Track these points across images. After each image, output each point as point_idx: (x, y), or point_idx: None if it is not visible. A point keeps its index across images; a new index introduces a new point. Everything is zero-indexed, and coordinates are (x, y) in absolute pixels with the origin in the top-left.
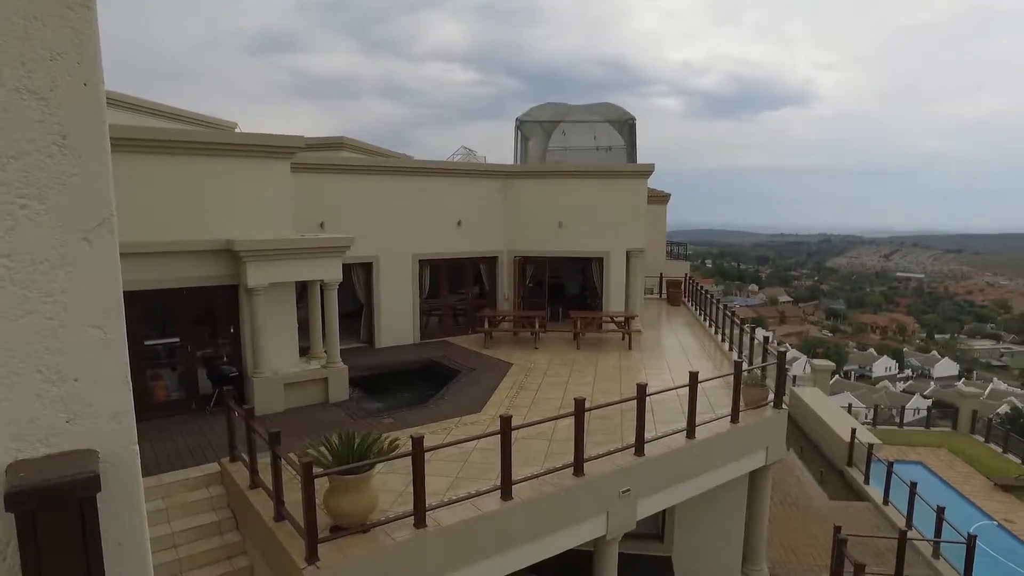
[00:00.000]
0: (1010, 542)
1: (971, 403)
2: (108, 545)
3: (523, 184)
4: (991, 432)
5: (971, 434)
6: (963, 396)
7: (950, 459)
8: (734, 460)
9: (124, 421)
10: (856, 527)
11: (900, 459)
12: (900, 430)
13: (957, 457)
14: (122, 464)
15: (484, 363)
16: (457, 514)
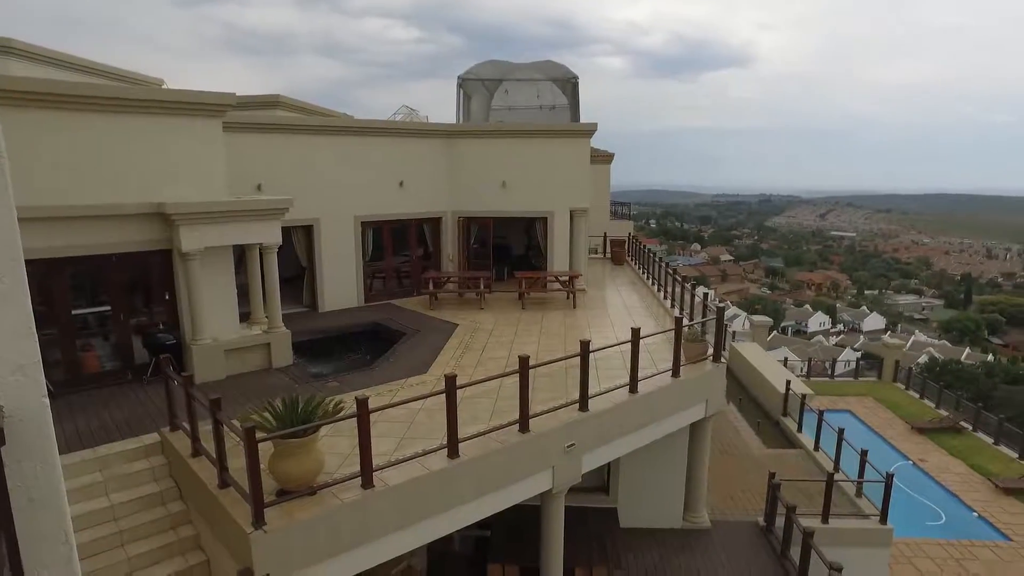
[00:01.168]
0: (923, 479)
1: (894, 354)
2: (18, 500)
3: (466, 144)
4: (911, 380)
5: (894, 383)
6: (888, 348)
7: (875, 406)
8: (675, 413)
9: (30, 374)
10: (789, 472)
11: (830, 408)
12: (831, 381)
13: (881, 404)
14: (31, 418)
15: (429, 324)
16: (404, 473)
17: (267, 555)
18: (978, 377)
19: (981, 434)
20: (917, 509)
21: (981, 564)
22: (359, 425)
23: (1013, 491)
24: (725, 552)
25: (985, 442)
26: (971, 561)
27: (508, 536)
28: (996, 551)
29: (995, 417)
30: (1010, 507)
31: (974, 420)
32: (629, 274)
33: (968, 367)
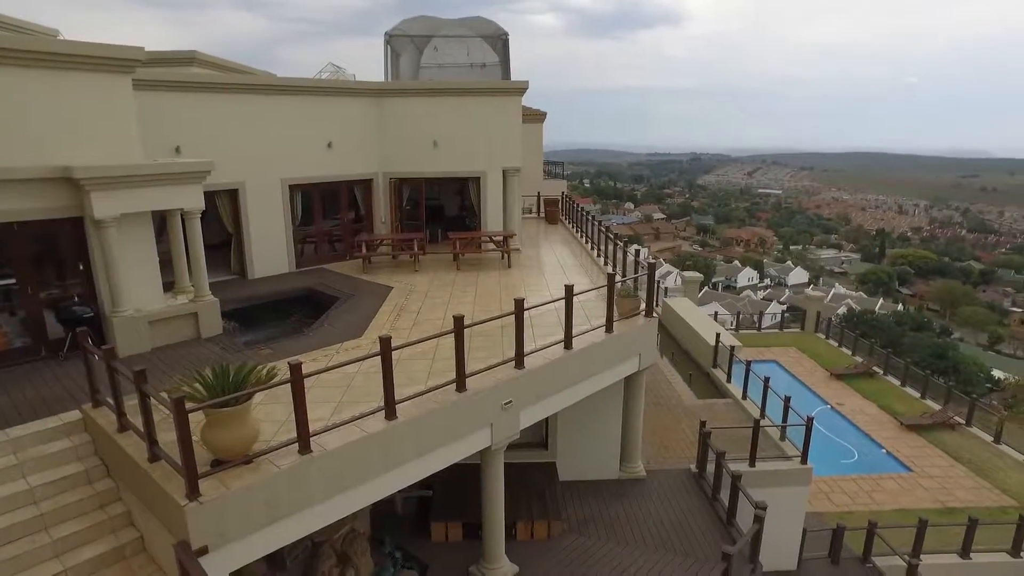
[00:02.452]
0: (840, 421)
1: (816, 306)
2: None
3: (395, 103)
4: (831, 331)
5: (815, 333)
6: (810, 300)
7: (798, 356)
8: (610, 367)
9: None
10: (719, 421)
11: (757, 359)
12: (759, 333)
13: (804, 354)
14: None
15: (363, 288)
16: (342, 437)
17: (204, 526)
18: (889, 326)
19: (890, 377)
20: (834, 449)
21: (887, 494)
22: (293, 391)
23: (915, 427)
24: (660, 498)
25: (894, 385)
26: (878, 492)
27: (450, 494)
28: (899, 481)
29: (902, 362)
30: (912, 442)
31: (885, 365)
32: (563, 233)
33: (881, 317)
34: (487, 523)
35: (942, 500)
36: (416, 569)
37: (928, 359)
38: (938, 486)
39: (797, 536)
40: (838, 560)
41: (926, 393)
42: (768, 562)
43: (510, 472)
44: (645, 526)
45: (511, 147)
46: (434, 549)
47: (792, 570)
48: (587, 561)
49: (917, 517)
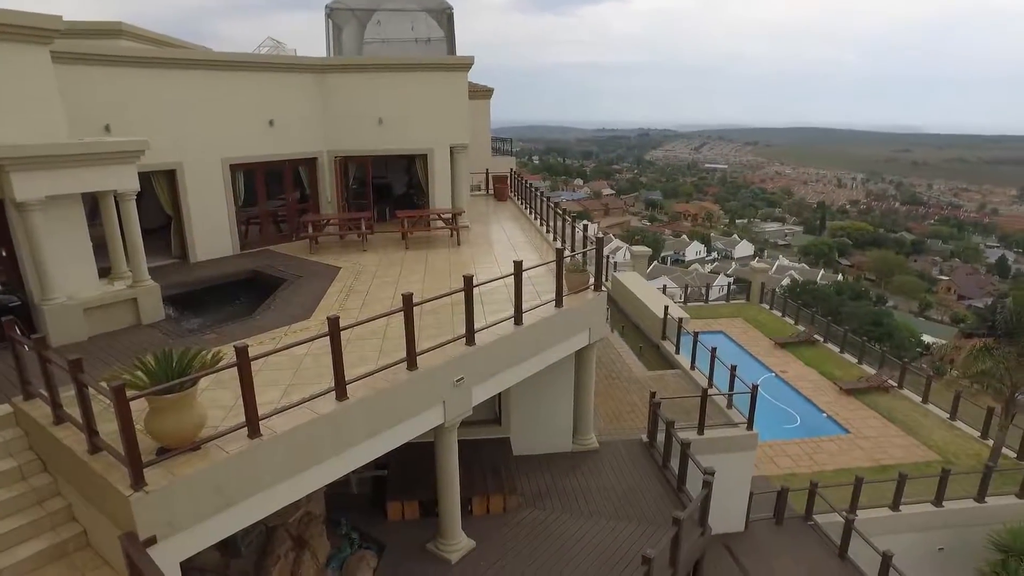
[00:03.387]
0: (783, 388)
1: (761, 278)
2: None
3: (339, 79)
4: (775, 301)
5: (760, 304)
6: (755, 273)
7: (744, 326)
8: (560, 342)
9: None
10: (668, 391)
11: (705, 330)
12: (706, 305)
13: (749, 324)
14: None
15: (311, 269)
16: (292, 420)
17: (151, 516)
18: (830, 295)
19: (830, 345)
20: (778, 414)
21: (827, 455)
22: (240, 374)
23: (852, 391)
24: (612, 469)
25: (833, 352)
26: (819, 454)
27: (405, 473)
28: (838, 443)
29: (841, 330)
30: (849, 405)
31: (825, 333)
32: (512, 210)
33: (822, 287)
34: (443, 500)
35: (877, 458)
36: (373, 549)
37: (865, 326)
38: (873, 445)
39: (744, 499)
40: (782, 520)
41: (863, 359)
42: (717, 525)
43: (464, 449)
44: (599, 496)
45: (458, 124)
46: (391, 528)
47: (740, 531)
48: (543, 533)
49: (854, 476)
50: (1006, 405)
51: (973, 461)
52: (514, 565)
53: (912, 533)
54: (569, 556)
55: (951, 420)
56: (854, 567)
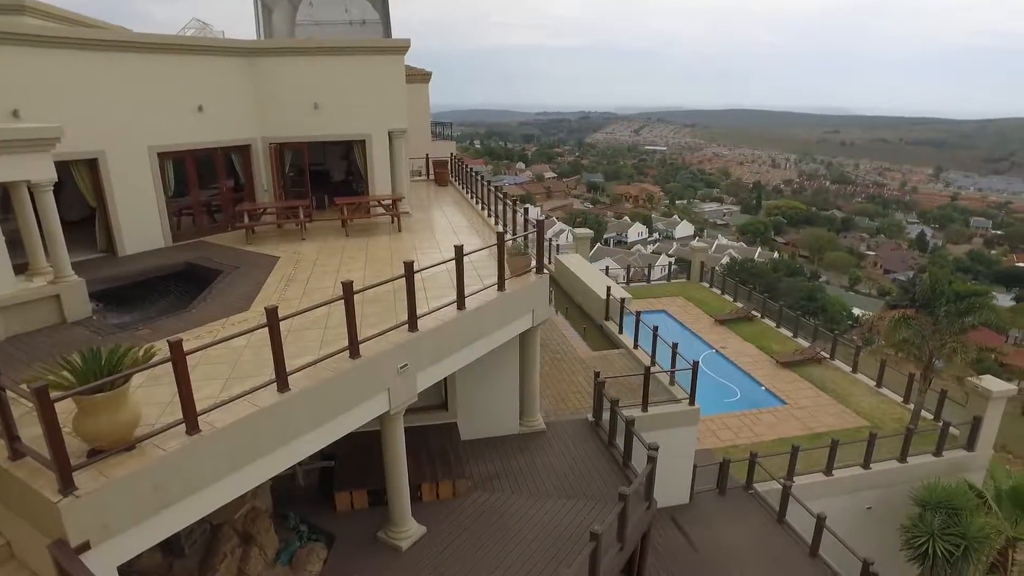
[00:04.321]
0: (724, 363)
1: (700, 257)
2: None
3: (271, 63)
4: (714, 279)
5: (700, 283)
6: (695, 252)
7: (685, 304)
8: (504, 325)
9: None
10: (612, 371)
11: (648, 309)
12: (648, 285)
13: (690, 302)
14: None
15: (248, 259)
16: (233, 413)
17: (83, 521)
18: (767, 272)
19: (767, 320)
20: (719, 389)
21: (765, 426)
22: (176, 369)
23: (788, 364)
24: (559, 448)
25: (770, 327)
26: (758, 425)
27: (353, 463)
28: (776, 414)
29: (777, 305)
30: (786, 377)
31: (762, 309)
32: (454, 195)
33: (759, 264)
34: (391, 488)
35: (811, 427)
36: (323, 540)
37: (800, 301)
38: (807, 415)
39: (688, 472)
40: (725, 491)
41: (798, 332)
42: (663, 498)
43: (412, 436)
44: (547, 476)
45: (396, 108)
46: (340, 519)
47: (685, 503)
48: (493, 514)
49: (790, 445)
50: (924, 371)
51: (897, 425)
52: (465, 548)
53: (843, 495)
54: (520, 536)
55: (877, 387)
56: (791, 530)
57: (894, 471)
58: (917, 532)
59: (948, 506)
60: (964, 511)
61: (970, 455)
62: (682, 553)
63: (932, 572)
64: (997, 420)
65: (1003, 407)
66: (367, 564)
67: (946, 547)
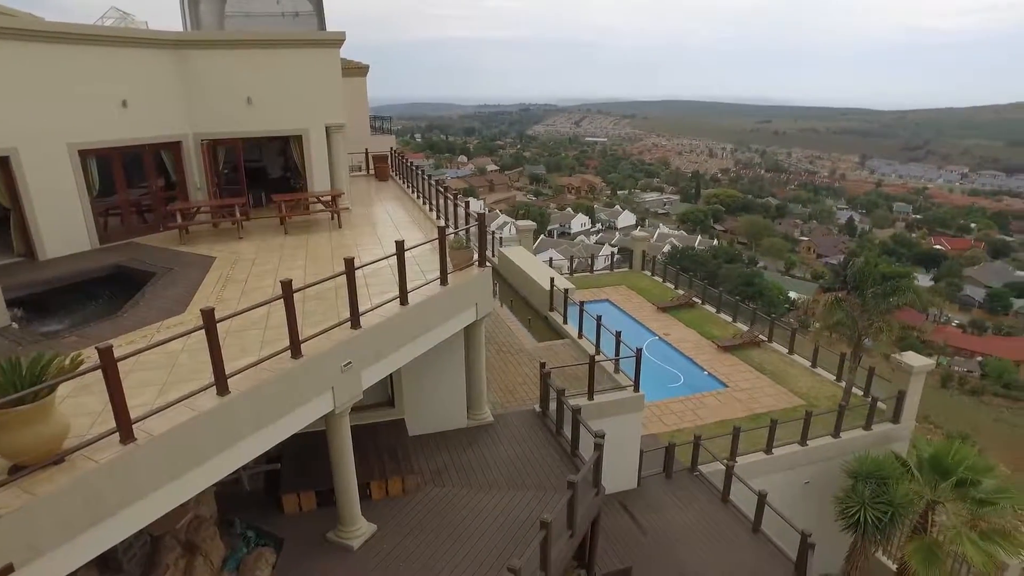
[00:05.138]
0: (667, 349)
1: (642, 246)
2: None
3: (200, 56)
4: (656, 268)
5: (643, 271)
6: (636, 241)
7: (628, 293)
8: (448, 319)
9: None
10: (558, 361)
11: (592, 299)
12: (592, 275)
13: (633, 291)
14: None
15: (183, 260)
16: (170, 420)
17: (5, 543)
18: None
19: (708, 306)
20: (663, 375)
21: (708, 409)
22: (106, 376)
23: (728, 348)
24: (508, 440)
25: (711, 312)
26: (702, 409)
27: (299, 464)
28: (718, 397)
29: (717, 291)
30: (727, 361)
31: (703, 295)
32: (395, 190)
33: (700, 252)
34: (339, 487)
35: (752, 408)
36: (271, 545)
37: (739, 287)
38: (748, 397)
39: (635, 458)
40: (671, 474)
41: (737, 317)
42: (612, 484)
43: (359, 434)
44: (496, 468)
45: (332, 102)
46: (289, 522)
47: (633, 488)
48: (444, 508)
49: (732, 426)
50: (854, 350)
51: (831, 402)
52: (417, 543)
53: (783, 472)
54: (471, 529)
55: (812, 368)
56: (735, 508)
57: (829, 446)
58: (850, 502)
59: (877, 476)
60: (891, 480)
61: (896, 427)
62: (632, 537)
63: (864, 538)
64: (918, 393)
65: (923, 381)
66: (317, 566)
67: (876, 514)
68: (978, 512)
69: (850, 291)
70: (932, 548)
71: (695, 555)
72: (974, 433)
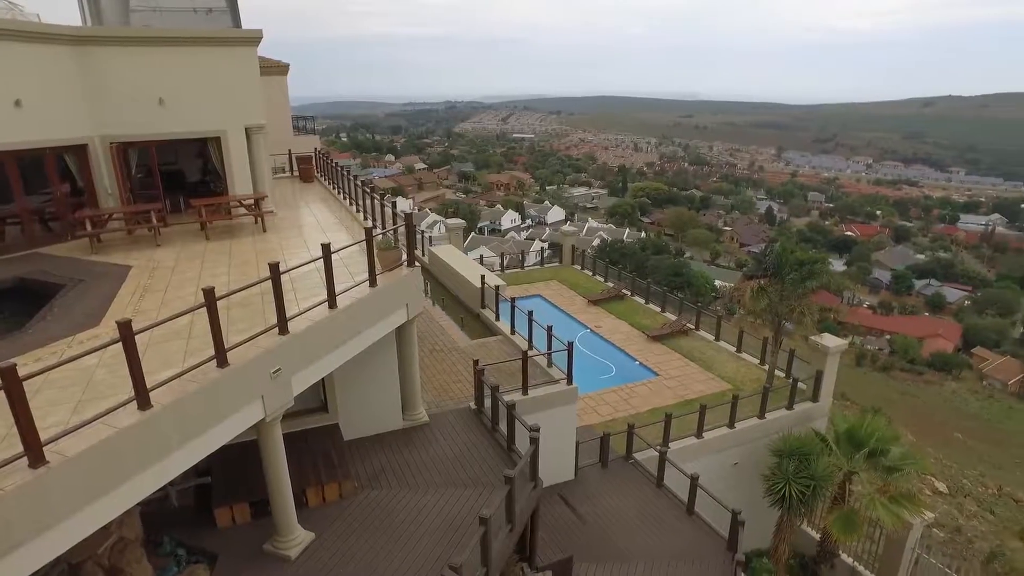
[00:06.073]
0: (599, 341)
1: (572, 240)
2: None
3: (106, 53)
4: (586, 261)
5: (573, 265)
6: (565, 236)
7: (559, 288)
8: (378, 320)
9: None
10: (492, 358)
11: (523, 295)
12: (523, 271)
13: (564, 285)
14: None
15: (95, 271)
16: (87, 439)
17: None
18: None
19: (637, 297)
20: (596, 367)
21: (641, 398)
22: (10, 397)
23: (658, 337)
24: (444, 439)
25: (640, 303)
26: (634, 398)
27: (231, 476)
28: (649, 385)
29: (645, 282)
30: (657, 350)
31: (632, 287)
32: (320, 191)
33: (628, 245)
34: (274, 497)
35: (682, 395)
36: (205, 561)
37: (668, 277)
38: (678, 384)
39: (571, 449)
40: (607, 463)
41: (665, 307)
42: (549, 477)
43: (292, 441)
44: (434, 467)
45: (251, 103)
46: (222, 536)
47: (571, 480)
48: (382, 511)
49: (664, 413)
50: (775, 334)
51: (756, 385)
52: (357, 547)
53: (713, 454)
54: (411, 529)
55: (738, 353)
56: (670, 493)
57: (755, 427)
58: (775, 479)
59: (799, 453)
60: (812, 455)
61: (815, 405)
62: (571, 526)
63: (789, 512)
64: (835, 372)
65: (838, 361)
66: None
67: (799, 489)
68: (888, 478)
69: (771, 277)
70: (850, 516)
71: (633, 539)
72: (885, 406)
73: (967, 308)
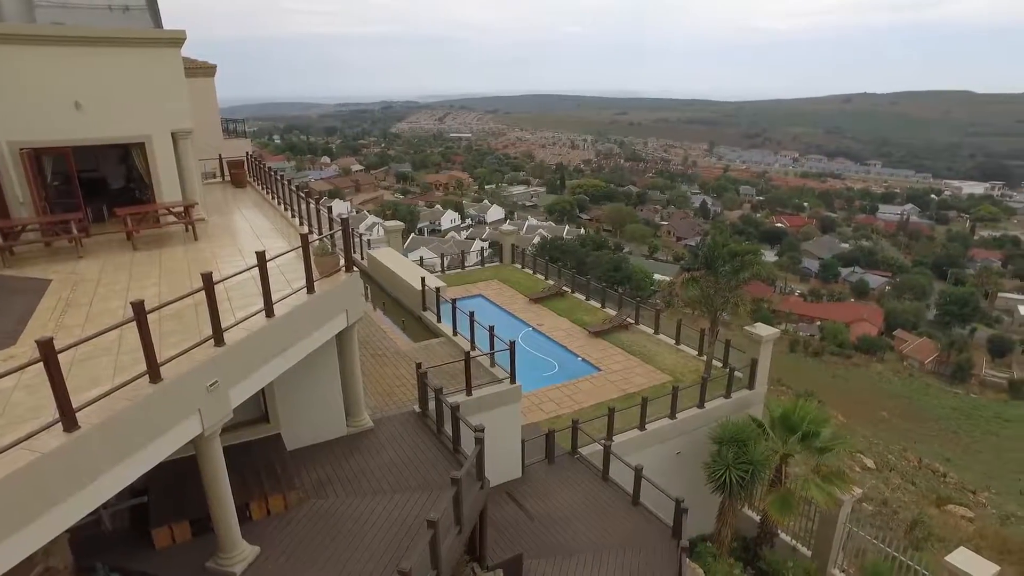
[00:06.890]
0: (542, 339)
1: (511, 239)
2: None
3: (12, 52)
4: (526, 260)
5: (513, 264)
6: (505, 235)
7: (500, 287)
8: (318, 327)
9: None
10: (434, 360)
11: (465, 295)
12: (464, 271)
13: (505, 284)
14: None
15: (8, 286)
16: (6, 466)
17: None
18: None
19: (578, 294)
20: (539, 364)
21: (584, 394)
22: None
23: (599, 333)
24: (390, 444)
25: (581, 300)
26: (578, 394)
27: (169, 494)
28: (592, 381)
29: (585, 279)
30: (598, 346)
31: (572, 284)
32: (253, 196)
33: (568, 242)
34: (215, 513)
35: (624, 389)
36: None
37: (608, 273)
38: (620, 378)
39: (517, 447)
40: (553, 459)
41: (605, 302)
42: (496, 476)
43: (233, 454)
44: (380, 472)
45: (176, 106)
46: (162, 557)
47: (518, 477)
48: (329, 520)
49: (607, 407)
50: (712, 325)
51: (695, 376)
52: (304, 559)
53: (656, 445)
54: (359, 537)
55: (677, 345)
56: (615, 485)
57: (695, 417)
58: (716, 466)
59: (738, 439)
60: (750, 441)
61: (752, 392)
62: (520, 524)
63: (730, 497)
64: (768, 359)
65: (771, 348)
66: None
67: (739, 474)
68: (819, 459)
69: (706, 269)
70: (786, 497)
71: (581, 533)
72: (818, 390)
73: (888, 293)
